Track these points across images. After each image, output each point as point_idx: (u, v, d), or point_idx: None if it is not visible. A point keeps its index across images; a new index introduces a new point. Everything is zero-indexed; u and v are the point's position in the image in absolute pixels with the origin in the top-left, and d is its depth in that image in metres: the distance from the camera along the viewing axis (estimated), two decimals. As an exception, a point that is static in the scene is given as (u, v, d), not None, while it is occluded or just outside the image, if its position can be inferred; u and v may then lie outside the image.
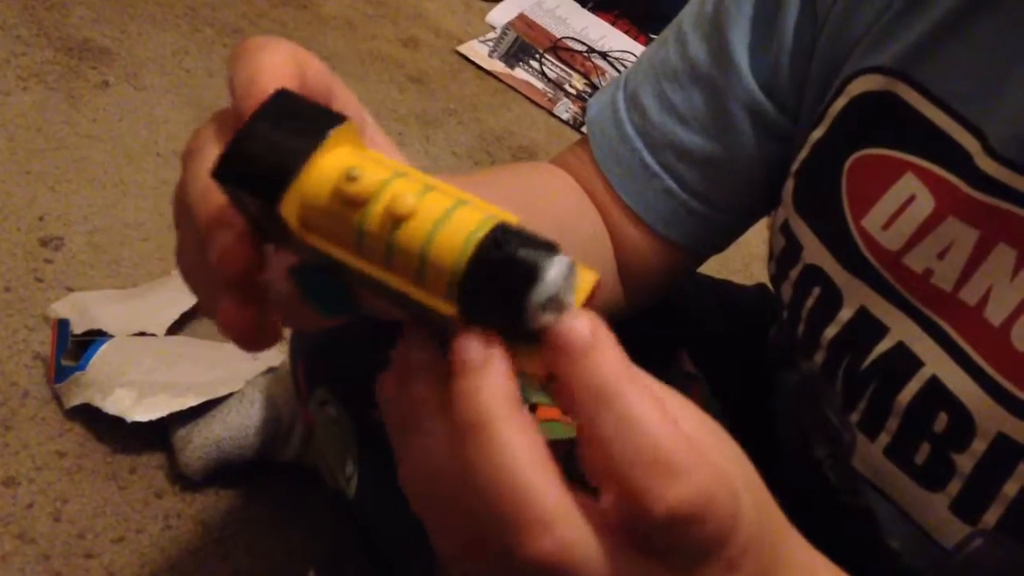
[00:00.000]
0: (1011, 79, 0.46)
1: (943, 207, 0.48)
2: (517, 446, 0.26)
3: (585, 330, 0.26)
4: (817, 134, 0.54)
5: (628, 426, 0.26)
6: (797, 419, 0.59)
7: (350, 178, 0.28)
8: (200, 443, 0.85)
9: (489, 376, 0.26)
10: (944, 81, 0.48)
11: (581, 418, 0.26)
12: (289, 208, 0.28)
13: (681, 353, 0.65)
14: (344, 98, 0.35)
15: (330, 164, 0.29)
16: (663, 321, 0.65)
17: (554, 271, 0.26)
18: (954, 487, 0.48)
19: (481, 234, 0.27)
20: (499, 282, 0.26)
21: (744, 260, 1.38)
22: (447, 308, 0.27)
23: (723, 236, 0.63)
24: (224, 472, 0.87)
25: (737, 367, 0.67)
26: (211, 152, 0.31)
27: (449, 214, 0.27)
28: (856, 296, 0.52)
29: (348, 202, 0.28)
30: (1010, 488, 0.46)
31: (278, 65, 0.31)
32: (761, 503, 0.29)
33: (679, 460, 0.25)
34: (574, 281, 0.27)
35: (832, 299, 0.53)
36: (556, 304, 0.26)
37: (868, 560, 0.52)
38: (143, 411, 0.85)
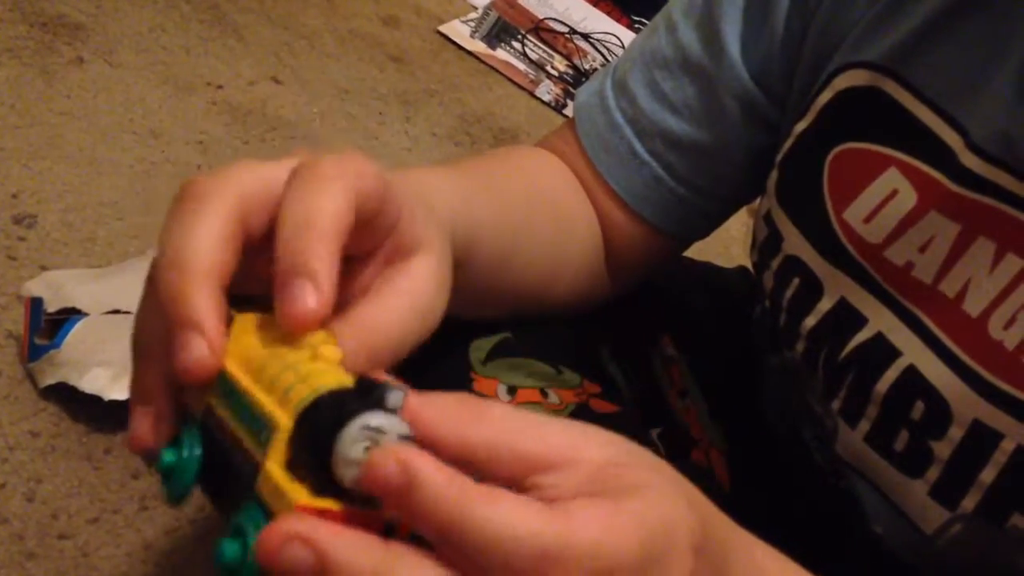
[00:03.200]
0: (995, 76, 0.47)
1: (925, 202, 0.49)
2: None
3: (393, 472, 0.26)
4: (802, 126, 0.54)
5: (475, 547, 0.26)
6: (783, 402, 0.60)
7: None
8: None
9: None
10: (930, 78, 0.49)
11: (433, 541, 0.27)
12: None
13: (663, 335, 0.65)
14: (393, 203, 0.35)
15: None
16: (646, 304, 0.65)
17: (351, 430, 0.28)
18: (933, 473, 0.49)
19: (321, 393, 0.30)
20: (312, 435, 0.29)
21: (724, 243, 1.38)
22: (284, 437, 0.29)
23: (709, 222, 0.63)
24: (201, 453, 0.86)
25: (722, 349, 0.67)
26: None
27: (335, 371, 0.31)
28: (836, 287, 0.52)
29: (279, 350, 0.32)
30: (987, 475, 0.47)
31: (212, 243, 0.32)
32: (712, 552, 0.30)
33: (532, 566, 0.26)
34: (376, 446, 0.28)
35: (812, 289, 0.53)
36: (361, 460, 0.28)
37: (853, 544, 0.52)
38: (120, 390, 0.84)
